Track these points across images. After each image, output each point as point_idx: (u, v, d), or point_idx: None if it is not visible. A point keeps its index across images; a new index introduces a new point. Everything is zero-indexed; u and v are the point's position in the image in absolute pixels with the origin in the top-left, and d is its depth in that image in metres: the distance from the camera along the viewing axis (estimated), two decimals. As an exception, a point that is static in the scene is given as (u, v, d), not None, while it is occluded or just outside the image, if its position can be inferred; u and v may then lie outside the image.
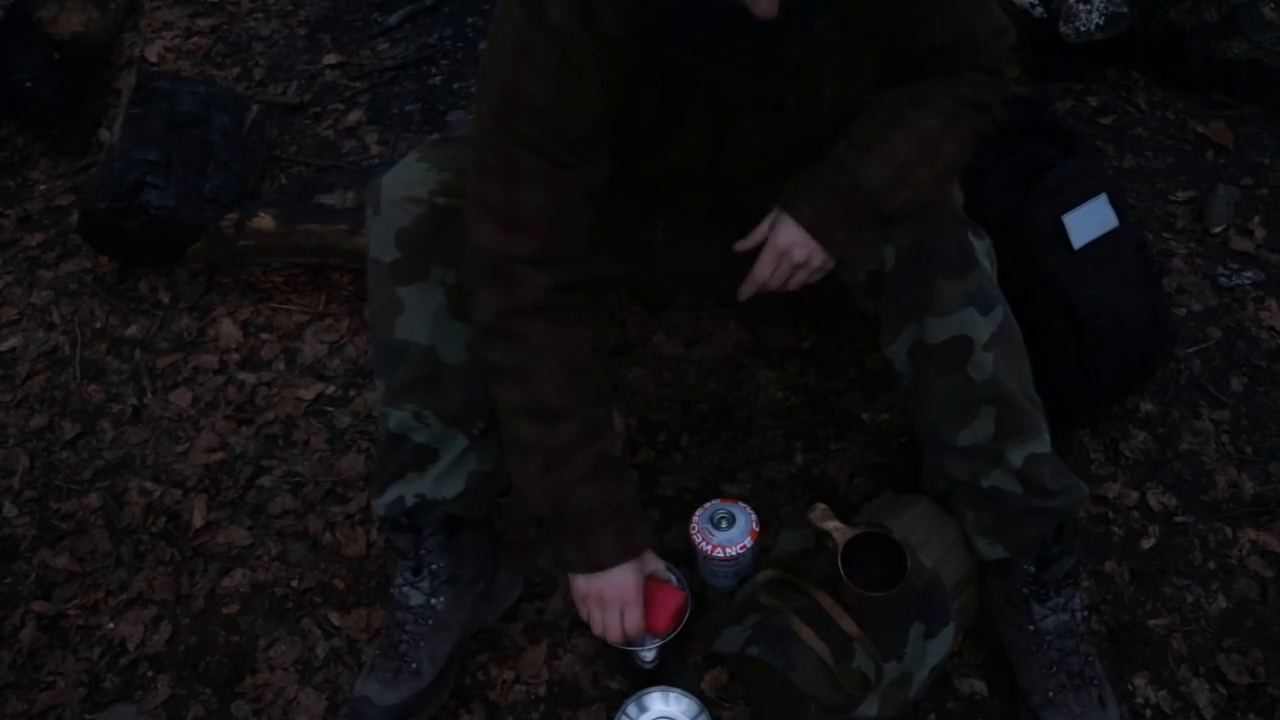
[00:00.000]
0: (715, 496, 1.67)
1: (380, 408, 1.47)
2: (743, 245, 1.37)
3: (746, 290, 1.40)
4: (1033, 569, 1.46)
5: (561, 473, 1.32)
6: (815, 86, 1.26)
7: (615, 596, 1.38)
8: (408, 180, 1.37)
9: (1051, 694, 1.43)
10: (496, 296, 1.28)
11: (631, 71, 1.20)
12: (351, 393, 1.96)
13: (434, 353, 1.40)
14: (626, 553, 1.37)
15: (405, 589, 1.53)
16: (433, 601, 1.52)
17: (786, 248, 1.34)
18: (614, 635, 1.40)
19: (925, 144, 1.31)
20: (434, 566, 1.52)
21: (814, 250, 1.34)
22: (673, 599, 1.45)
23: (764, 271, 1.36)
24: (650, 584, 1.43)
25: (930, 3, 1.26)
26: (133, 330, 2.10)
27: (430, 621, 1.51)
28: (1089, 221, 1.61)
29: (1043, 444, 1.41)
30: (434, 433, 1.45)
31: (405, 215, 1.36)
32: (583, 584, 1.39)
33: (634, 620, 1.39)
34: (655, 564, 1.44)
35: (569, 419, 1.31)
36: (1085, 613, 1.52)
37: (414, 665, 1.49)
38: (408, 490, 1.48)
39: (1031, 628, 1.46)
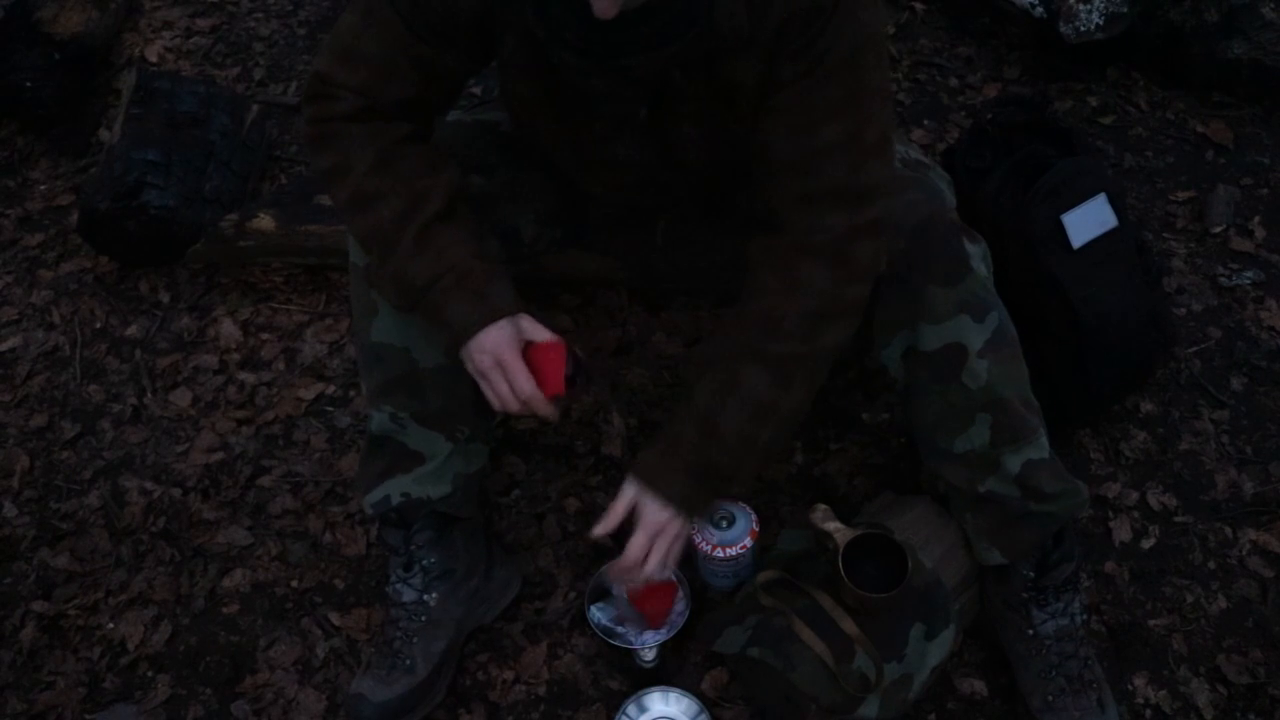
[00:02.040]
0: (715, 496, 1.67)
1: (366, 408, 1.48)
2: (600, 530, 1.34)
3: (623, 577, 1.39)
4: (1032, 574, 1.46)
5: (397, 254, 1.27)
6: (675, 112, 1.25)
7: (488, 362, 1.28)
8: None
9: (1051, 698, 1.43)
10: (316, 109, 1.29)
11: (508, 15, 1.20)
12: (351, 393, 1.96)
13: (409, 355, 1.41)
14: (485, 315, 1.27)
15: (398, 585, 1.53)
16: (425, 598, 1.52)
17: (658, 528, 1.33)
18: (509, 403, 1.29)
19: (764, 411, 1.29)
20: (425, 562, 1.52)
21: (681, 523, 1.35)
22: (555, 353, 1.31)
23: (638, 554, 1.34)
24: (534, 348, 1.30)
25: (790, 105, 1.19)
26: (133, 330, 2.10)
27: (423, 618, 1.51)
28: (1088, 221, 1.62)
29: (1040, 449, 1.41)
30: (411, 434, 1.46)
31: None
32: (464, 359, 1.30)
33: (519, 382, 1.27)
34: (537, 330, 1.31)
35: (387, 199, 1.27)
36: (1085, 617, 1.52)
37: (408, 662, 1.49)
38: (393, 489, 1.49)
39: (1031, 632, 1.46)
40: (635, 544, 1.33)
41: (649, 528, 1.33)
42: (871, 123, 1.20)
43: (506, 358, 1.27)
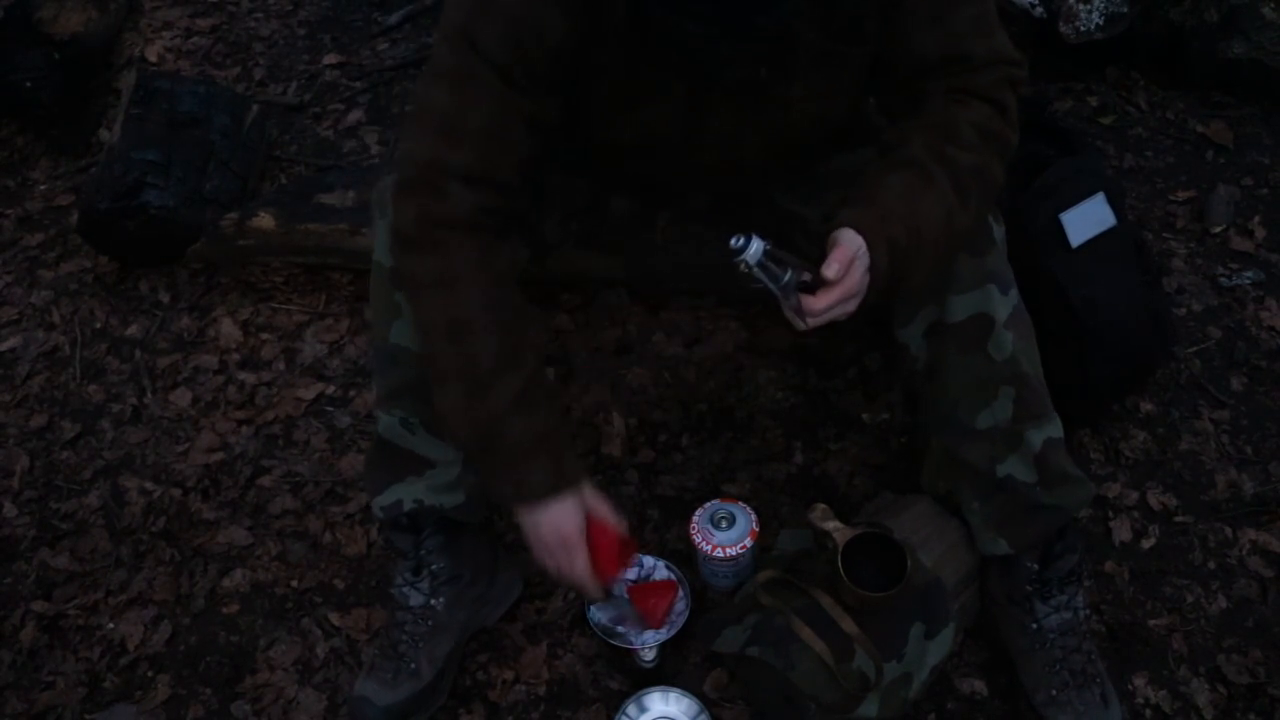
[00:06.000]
0: (715, 496, 1.67)
1: (375, 409, 1.47)
2: (832, 273, 1.16)
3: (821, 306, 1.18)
4: (1036, 566, 1.46)
5: (486, 400, 1.24)
6: (790, 69, 1.23)
7: (554, 539, 1.29)
8: None
9: (1054, 692, 1.43)
10: (420, 205, 1.22)
11: (605, 13, 1.17)
12: (351, 393, 1.96)
13: None
14: (560, 485, 1.27)
15: (405, 589, 1.53)
16: (432, 602, 1.52)
17: (855, 291, 1.18)
18: (564, 579, 1.31)
19: (949, 216, 1.22)
20: (434, 567, 1.52)
21: (863, 295, 1.22)
22: (612, 541, 1.32)
23: (828, 305, 1.17)
24: (594, 527, 1.31)
25: (917, 9, 1.20)
26: (133, 330, 2.10)
27: (430, 622, 1.51)
28: (1086, 220, 1.62)
29: (1058, 429, 1.41)
30: (420, 440, 1.45)
31: None
32: (524, 521, 1.30)
33: (579, 566, 1.29)
34: (596, 500, 1.31)
35: (491, 339, 1.23)
36: (1088, 611, 1.52)
37: (413, 666, 1.49)
38: (406, 494, 1.48)
39: (1034, 626, 1.46)
40: (832, 297, 1.16)
41: (851, 287, 1.17)
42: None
43: (573, 538, 1.29)
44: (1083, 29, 2.26)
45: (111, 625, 1.67)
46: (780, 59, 1.22)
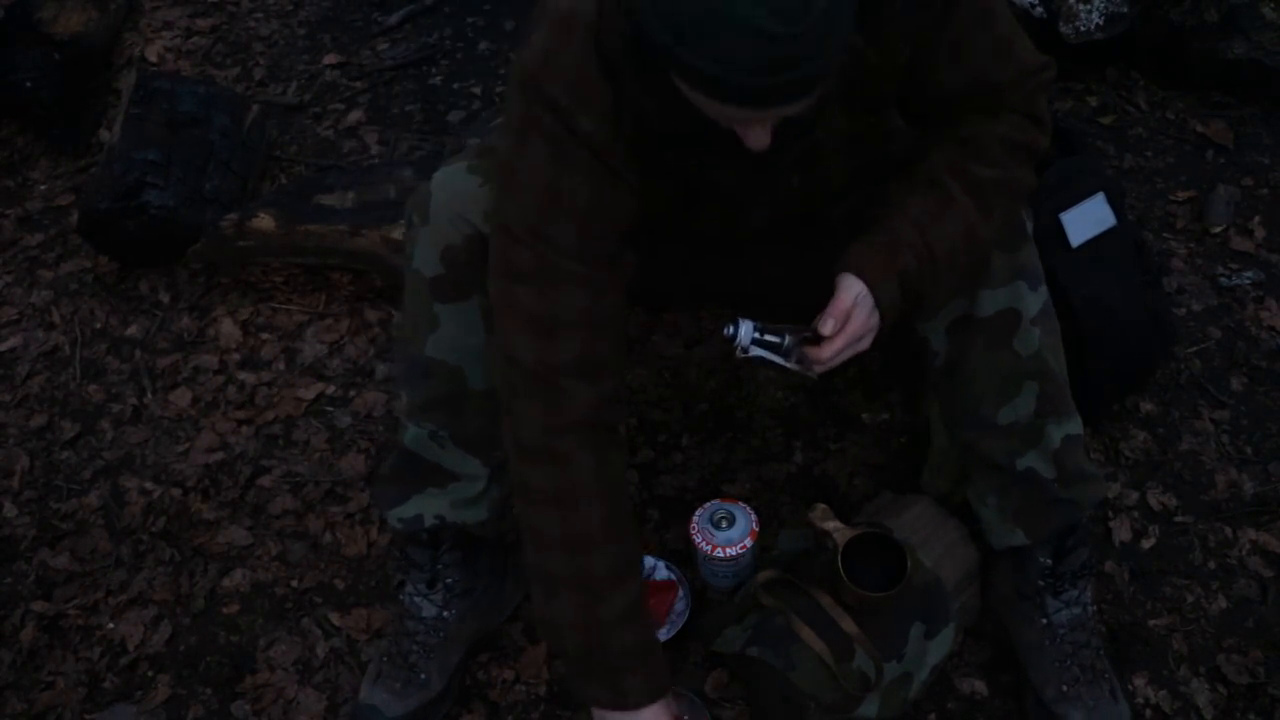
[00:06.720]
0: (715, 496, 1.67)
1: (401, 418, 1.45)
2: (828, 329, 1.19)
3: (829, 353, 1.21)
4: (1049, 561, 1.46)
5: (597, 612, 1.25)
6: (821, 164, 1.25)
7: None
8: (459, 194, 1.30)
9: (1065, 688, 1.42)
10: (541, 414, 1.22)
11: (661, 177, 1.19)
12: (351, 393, 1.96)
13: (461, 375, 1.37)
14: (657, 693, 1.29)
15: (417, 599, 1.53)
16: (445, 614, 1.52)
17: (863, 333, 1.21)
18: None
19: (970, 233, 1.23)
20: (449, 581, 1.52)
21: (875, 331, 1.24)
22: None
23: (834, 354, 1.20)
24: None
25: (936, 54, 1.19)
26: (133, 330, 2.10)
27: (442, 634, 1.51)
28: (1086, 220, 1.62)
29: (1077, 427, 1.40)
30: (449, 454, 1.43)
31: (454, 232, 1.30)
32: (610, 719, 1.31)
33: None
34: (676, 701, 1.36)
35: (607, 552, 1.25)
36: (1094, 607, 1.51)
37: (423, 676, 1.49)
38: (427, 509, 1.46)
39: (1045, 621, 1.46)
40: (836, 346, 1.19)
41: (855, 331, 1.19)
42: (1002, 15, 1.22)
43: None
44: (1083, 29, 2.26)
45: (111, 625, 1.67)
46: (811, 163, 1.23)
